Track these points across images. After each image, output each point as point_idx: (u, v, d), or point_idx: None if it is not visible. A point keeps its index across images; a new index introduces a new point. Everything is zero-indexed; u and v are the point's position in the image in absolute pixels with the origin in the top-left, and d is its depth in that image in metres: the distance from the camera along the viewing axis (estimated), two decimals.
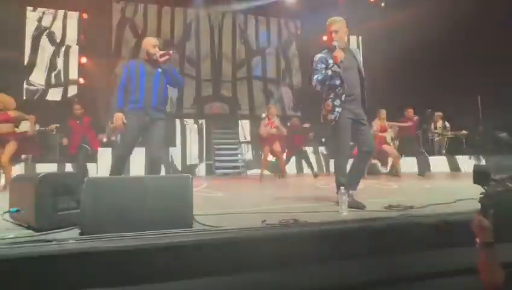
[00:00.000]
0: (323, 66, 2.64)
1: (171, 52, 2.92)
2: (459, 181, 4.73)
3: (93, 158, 6.49)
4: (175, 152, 8.28)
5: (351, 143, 2.81)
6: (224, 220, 2.16)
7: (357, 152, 2.90)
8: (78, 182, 1.98)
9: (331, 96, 2.63)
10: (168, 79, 2.95)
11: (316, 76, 2.65)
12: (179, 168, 8.11)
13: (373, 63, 10.68)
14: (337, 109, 2.59)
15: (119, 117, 2.84)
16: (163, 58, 2.87)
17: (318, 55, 2.73)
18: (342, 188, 2.31)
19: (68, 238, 1.60)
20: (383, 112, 6.35)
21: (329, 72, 2.58)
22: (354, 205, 2.46)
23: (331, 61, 2.61)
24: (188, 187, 1.85)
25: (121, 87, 2.93)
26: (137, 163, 4.75)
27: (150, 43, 2.96)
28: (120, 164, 2.86)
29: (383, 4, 10.70)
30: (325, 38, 2.81)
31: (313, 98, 3.19)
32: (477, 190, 3.02)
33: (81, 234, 1.67)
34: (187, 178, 1.88)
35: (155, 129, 2.88)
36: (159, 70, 2.93)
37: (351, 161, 2.85)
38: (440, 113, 8.67)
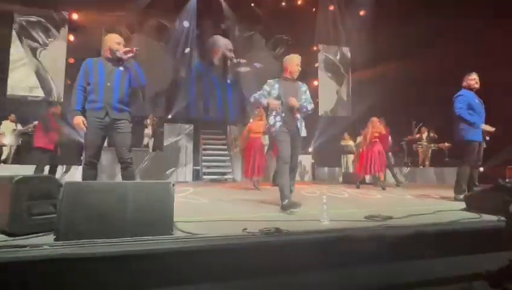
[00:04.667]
0: (268, 89, 3.22)
1: (135, 49, 2.78)
2: (442, 192, 4.84)
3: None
4: (162, 157, 8.20)
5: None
6: (205, 227, 2.15)
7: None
8: (56, 185, 1.94)
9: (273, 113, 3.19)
10: (130, 77, 2.79)
11: (254, 95, 3.27)
12: (166, 173, 8.03)
13: (361, 74, 10.96)
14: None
15: (79, 120, 2.70)
16: (127, 55, 2.75)
17: (268, 80, 3.29)
18: (324, 197, 2.33)
19: (42, 244, 1.55)
20: (374, 120, 6.15)
21: (265, 103, 3.19)
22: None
23: (277, 85, 3.20)
24: (168, 194, 1.84)
25: (79, 88, 2.76)
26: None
27: (113, 39, 2.79)
28: (90, 169, 2.74)
29: (372, 17, 11.01)
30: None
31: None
32: (457, 203, 3.09)
33: (56, 239, 1.63)
34: (168, 184, 1.87)
35: (119, 132, 2.75)
36: (121, 68, 2.79)
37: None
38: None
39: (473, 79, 3.95)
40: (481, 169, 6.87)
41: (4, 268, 1.40)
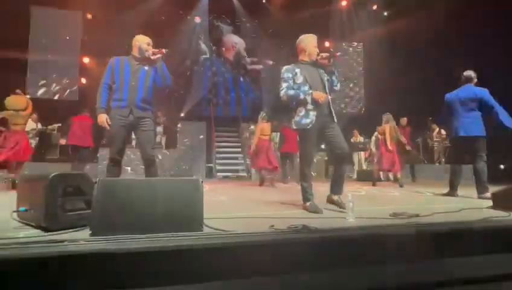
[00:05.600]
0: (290, 75, 2.82)
1: (164, 50, 2.83)
2: (462, 190, 4.75)
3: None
4: (175, 154, 8.28)
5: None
6: (232, 224, 2.16)
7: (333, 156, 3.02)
8: (88, 183, 1.98)
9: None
10: (156, 76, 2.85)
11: (285, 89, 2.80)
12: (179, 170, 8.11)
13: (374, 70, 10.81)
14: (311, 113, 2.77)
15: (102, 118, 2.75)
16: (155, 56, 2.80)
17: (286, 66, 2.88)
18: (350, 194, 2.32)
19: (79, 239, 1.59)
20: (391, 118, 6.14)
21: (302, 96, 2.77)
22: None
23: (297, 70, 2.82)
24: (198, 190, 1.85)
25: (105, 85, 2.80)
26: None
27: (144, 40, 2.87)
28: (114, 166, 2.80)
29: (385, 13, 10.84)
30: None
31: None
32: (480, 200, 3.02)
33: (91, 235, 1.67)
34: (197, 181, 1.88)
35: (143, 130, 2.79)
36: (145, 68, 2.83)
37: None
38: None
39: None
40: (502, 166, 6.74)
41: (45, 262, 1.44)
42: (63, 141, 6.30)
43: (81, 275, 1.51)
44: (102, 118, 2.76)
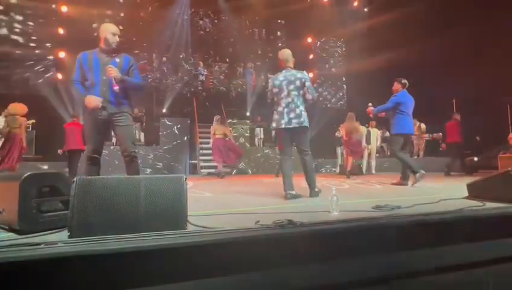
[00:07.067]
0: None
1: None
2: (440, 182, 4.93)
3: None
4: (159, 151, 8.12)
5: None
6: (216, 220, 2.14)
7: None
8: (65, 182, 1.90)
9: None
10: (126, 68, 2.76)
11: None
12: (163, 167, 7.96)
13: (354, 65, 10.97)
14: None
15: (90, 99, 2.57)
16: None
17: (305, 72, 3.44)
18: (334, 189, 2.34)
19: (56, 241, 1.52)
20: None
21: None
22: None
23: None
24: (181, 188, 1.81)
25: (76, 82, 2.68)
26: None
27: (109, 30, 2.69)
28: (92, 164, 2.70)
29: (366, 9, 11.00)
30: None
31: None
32: (455, 190, 3.13)
33: (70, 236, 1.60)
34: (181, 178, 1.84)
35: (120, 125, 2.69)
36: (117, 59, 2.70)
37: None
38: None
39: None
40: (475, 158, 7.05)
41: (21, 266, 1.37)
42: (61, 151, 6.50)
43: (59, 280, 1.45)
44: (91, 99, 2.59)
